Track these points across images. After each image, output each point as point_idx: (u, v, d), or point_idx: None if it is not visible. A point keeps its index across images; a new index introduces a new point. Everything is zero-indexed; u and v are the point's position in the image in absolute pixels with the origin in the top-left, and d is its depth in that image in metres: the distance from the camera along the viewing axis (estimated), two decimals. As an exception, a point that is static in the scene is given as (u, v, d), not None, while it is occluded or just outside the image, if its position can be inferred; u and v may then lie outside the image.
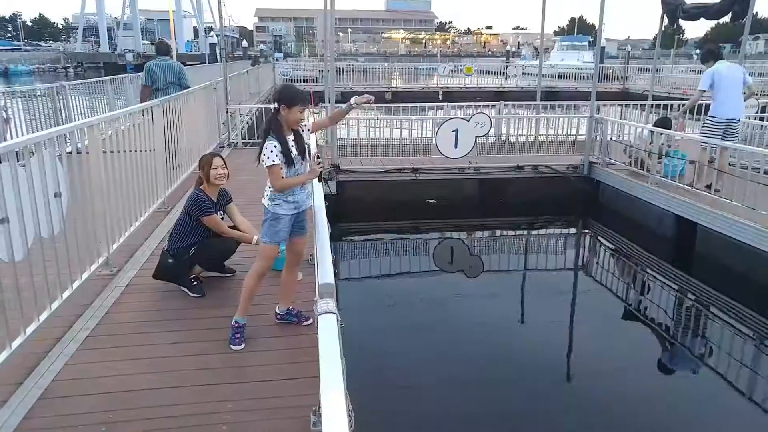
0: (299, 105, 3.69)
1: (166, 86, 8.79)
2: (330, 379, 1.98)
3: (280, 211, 3.72)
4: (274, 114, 3.67)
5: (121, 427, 2.97)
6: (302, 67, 31.95)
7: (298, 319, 4.07)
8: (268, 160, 3.61)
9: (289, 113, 3.65)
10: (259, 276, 3.83)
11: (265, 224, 3.75)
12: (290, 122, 3.68)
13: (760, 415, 4.84)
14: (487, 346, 5.83)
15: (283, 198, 3.73)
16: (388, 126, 11.13)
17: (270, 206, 3.72)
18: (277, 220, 3.72)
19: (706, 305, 6.94)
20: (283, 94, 3.69)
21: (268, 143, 3.61)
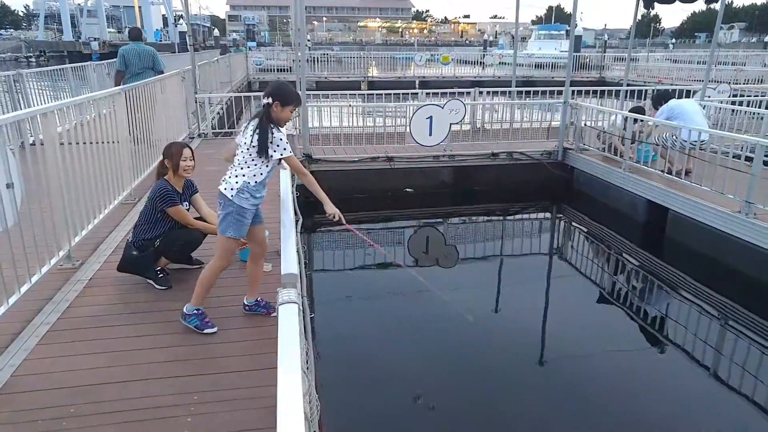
0: (292, 105, 3.66)
1: (141, 71, 8.84)
2: (287, 368, 1.95)
3: (246, 205, 3.64)
4: (266, 108, 3.60)
5: (83, 420, 2.92)
6: (276, 57, 31.58)
7: (266, 309, 4.03)
8: (286, 151, 3.60)
9: (281, 112, 3.61)
10: (219, 271, 3.77)
11: (229, 217, 3.63)
12: (280, 120, 3.64)
13: (725, 391, 4.91)
14: (462, 332, 5.82)
15: (253, 193, 3.66)
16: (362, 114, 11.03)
17: (236, 199, 3.61)
18: (242, 214, 3.65)
19: (675, 288, 7.02)
20: (280, 91, 3.63)
21: (278, 134, 3.58)
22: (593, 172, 9.77)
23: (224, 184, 3.66)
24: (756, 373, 5.19)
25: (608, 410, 4.62)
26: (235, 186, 3.61)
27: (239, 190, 3.60)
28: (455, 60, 34.04)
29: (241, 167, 3.64)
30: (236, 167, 3.66)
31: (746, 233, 6.64)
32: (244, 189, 3.61)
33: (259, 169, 3.65)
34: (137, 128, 6.86)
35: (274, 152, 3.57)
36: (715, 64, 24.67)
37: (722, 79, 23.22)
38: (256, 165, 3.63)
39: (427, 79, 30.51)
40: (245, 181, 3.62)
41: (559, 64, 33.27)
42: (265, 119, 3.58)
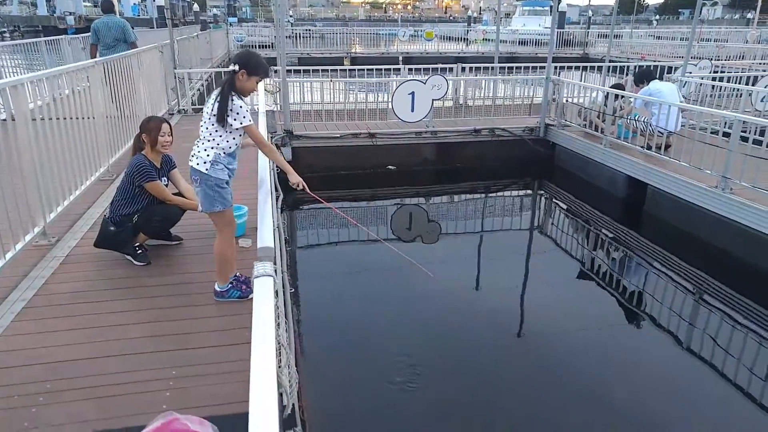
0: (259, 76, 3.61)
1: (113, 44, 8.85)
2: (260, 340, 1.96)
3: (222, 176, 3.61)
4: (231, 76, 3.54)
5: (60, 395, 2.91)
6: (258, 33, 31.13)
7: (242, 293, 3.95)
8: (245, 119, 3.54)
9: (247, 81, 3.56)
10: (229, 241, 3.79)
11: (212, 191, 3.59)
12: (244, 89, 3.59)
13: (700, 363, 5.01)
14: (443, 307, 5.88)
15: (226, 163, 3.63)
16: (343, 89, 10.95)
17: (211, 171, 3.57)
18: (221, 185, 3.62)
19: (652, 263, 7.12)
20: (247, 60, 3.57)
21: (238, 102, 3.51)
22: (574, 149, 9.81)
23: (195, 159, 3.60)
24: (728, 345, 5.29)
25: (586, 382, 4.69)
26: (207, 159, 3.56)
27: (213, 162, 3.56)
28: (439, 36, 33.81)
29: (208, 140, 3.58)
30: (203, 140, 3.60)
31: (722, 208, 6.73)
32: (217, 160, 3.57)
33: (226, 141, 3.59)
34: (114, 103, 6.76)
35: (234, 120, 3.51)
36: (698, 40, 24.79)
37: (704, 55, 23.33)
38: (222, 136, 3.58)
39: (411, 55, 30.29)
40: (216, 153, 3.57)
41: (543, 41, 33.10)
42: (226, 87, 3.52)
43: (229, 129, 3.56)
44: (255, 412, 1.55)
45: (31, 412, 2.78)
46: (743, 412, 4.41)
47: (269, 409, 1.57)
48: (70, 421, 2.73)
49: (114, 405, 2.86)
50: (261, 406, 1.58)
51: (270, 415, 1.55)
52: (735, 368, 4.95)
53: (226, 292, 3.85)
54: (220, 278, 3.84)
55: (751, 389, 4.62)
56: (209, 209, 3.65)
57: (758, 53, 23.31)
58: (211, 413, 2.69)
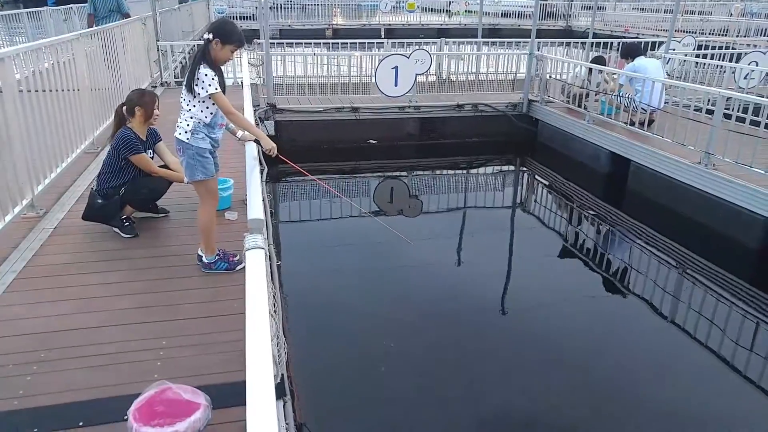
0: (234, 44, 3.58)
1: (107, 14, 9.16)
2: (255, 312, 2.00)
3: (203, 145, 3.64)
4: (206, 44, 3.53)
5: (53, 365, 2.96)
6: (239, 4, 30.62)
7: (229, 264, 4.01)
8: (211, 87, 3.51)
9: (221, 50, 3.53)
10: (211, 211, 3.83)
11: (191, 161, 3.64)
12: (219, 59, 3.57)
13: (681, 335, 5.17)
14: (426, 283, 5.96)
15: (207, 132, 3.66)
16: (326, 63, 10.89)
17: (192, 140, 3.60)
18: (202, 154, 3.65)
19: (634, 239, 7.25)
20: (222, 28, 3.54)
21: (204, 70, 3.49)
22: (557, 125, 9.88)
23: (178, 129, 3.64)
24: (711, 316, 5.45)
25: (568, 355, 4.80)
26: (187, 128, 3.59)
27: (193, 131, 3.58)
28: (421, 7, 33.43)
29: (188, 109, 3.61)
30: (184, 110, 3.62)
31: (705, 183, 6.84)
32: (197, 130, 3.60)
33: (201, 111, 3.60)
34: (98, 75, 6.70)
35: (202, 90, 3.50)
36: (681, 13, 24.82)
37: (688, 29, 23.42)
38: (196, 106, 3.59)
39: (393, 26, 30.01)
40: (196, 122, 3.59)
41: (526, 13, 32.90)
42: (198, 55, 3.53)
43: (200, 99, 3.56)
44: (252, 382, 1.60)
45: (26, 380, 2.83)
46: (724, 380, 4.56)
47: (266, 380, 1.62)
48: (65, 389, 2.78)
49: (107, 374, 2.91)
50: (258, 377, 1.63)
51: (267, 385, 1.60)
52: (717, 339, 5.09)
53: (214, 264, 3.90)
54: (207, 250, 3.88)
55: (732, 359, 4.77)
56: (191, 178, 3.69)
57: (742, 27, 23.42)
58: (202, 382, 2.76)
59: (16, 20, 10.83)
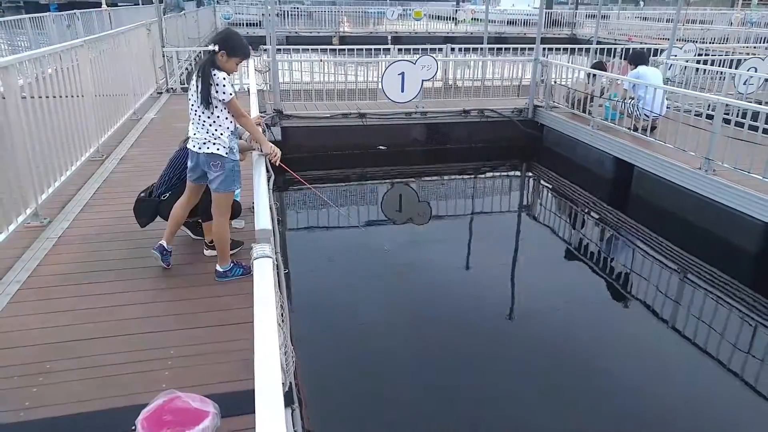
0: (239, 57, 3.60)
1: None
2: (264, 321, 1.99)
3: (235, 157, 3.68)
4: (212, 55, 3.54)
5: (60, 375, 2.95)
6: (245, 11, 30.76)
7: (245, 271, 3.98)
8: (228, 95, 3.52)
9: (227, 62, 3.55)
10: (227, 222, 3.89)
11: (232, 173, 3.67)
12: (224, 70, 3.57)
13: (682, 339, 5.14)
14: (436, 289, 5.94)
15: (236, 141, 3.71)
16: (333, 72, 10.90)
17: (231, 155, 3.63)
18: (237, 167, 3.69)
19: (638, 243, 7.24)
20: (228, 40, 3.56)
21: (220, 74, 3.49)
22: (562, 130, 9.87)
23: (207, 145, 3.59)
24: (711, 321, 5.44)
25: (575, 362, 4.78)
26: (224, 143, 3.59)
27: (230, 145, 3.61)
28: (428, 15, 33.55)
29: (212, 122, 3.59)
30: (204, 124, 3.59)
31: (705, 189, 6.84)
32: (232, 140, 3.65)
33: (226, 118, 3.62)
34: (103, 82, 6.70)
35: (224, 94, 3.50)
36: (683, 22, 24.85)
37: (690, 37, 23.41)
38: (221, 115, 3.59)
39: (400, 34, 30.06)
40: (229, 134, 3.62)
41: (531, 21, 32.84)
42: (207, 67, 3.52)
43: (220, 106, 3.56)
44: (261, 391, 1.59)
45: (33, 392, 2.81)
46: (725, 384, 4.56)
47: (274, 388, 1.61)
48: (71, 400, 2.77)
49: (114, 384, 2.89)
50: (267, 385, 1.62)
51: (275, 393, 1.59)
52: (717, 343, 5.09)
53: (230, 272, 3.89)
54: (222, 259, 3.88)
55: (732, 363, 4.76)
56: (227, 189, 3.70)
57: (742, 35, 23.43)
58: (210, 392, 2.74)
59: (18, 26, 10.85)
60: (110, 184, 5.64)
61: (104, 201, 5.19)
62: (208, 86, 3.48)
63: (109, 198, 5.29)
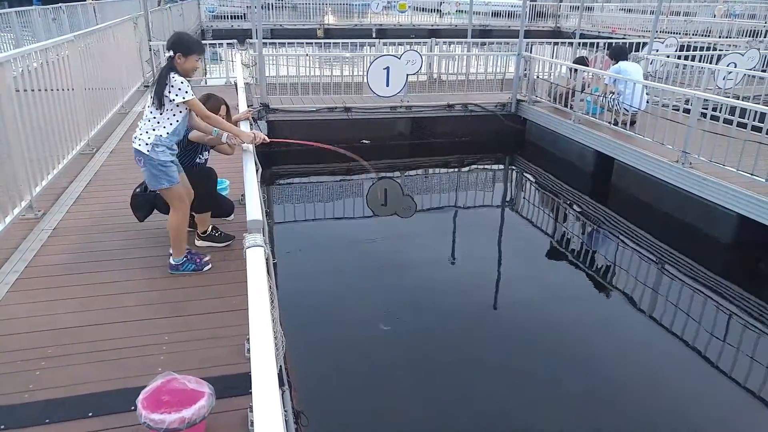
0: (196, 54, 3.66)
1: None
2: (258, 308, 2.13)
3: (163, 158, 3.67)
4: (170, 61, 3.60)
5: (61, 360, 3.07)
6: (229, 2, 30.61)
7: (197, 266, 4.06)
8: (188, 94, 3.58)
9: (186, 62, 3.62)
10: (182, 216, 3.89)
11: (156, 170, 3.67)
12: (186, 71, 3.65)
13: (660, 328, 5.33)
14: (419, 281, 6.09)
15: (168, 146, 3.69)
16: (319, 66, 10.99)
17: (152, 153, 3.62)
18: (164, 165, 3.68)
19: (618, 235, 7.45)
20: (179, 42, 3.63)
21: (178, 78, 3.56)
22: (545, 124, 10.07)
23: (137, 140, 3.68)
24: (688, 310, 5.64)
25: (556, 354, 4.93)
26: (148, 141, 3.63)
27: (154, 144, 3.63)
28: (412, 7, 33.55)
29: (149, 121, 3.66)
30: (145, 121, 3.68)
31: (682, 181, 7.06)
32: (158, 143, 3.64)
33: (167, 119, 3.66)
34: (91, 75, 6.77)
35: (176, 96, 3.56)
36: (666, 14, 25.12)
37: (673, 29, 23.69)
38: (163, 116, 3.64)
39: (384, 27, 30.12)
40: (157, 135, 3.64)
41: (516, 13, 32.99)
42: (165, 70, 3.59)
43: (170, 107, 3.63)
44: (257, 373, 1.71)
45: (36, 374, 2.95)
46: (701, 372, 4.76)
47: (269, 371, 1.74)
48: (73, 382, 2.90)
49: (113, 368, 3.03)
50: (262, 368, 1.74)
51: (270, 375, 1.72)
52: (692, 332, 5.30)
53: (182, 265, 3.97)
54: (176, 251, 3.95)
55: (707, 351, 4.97)
56: (156, 187, 3.77)
57: (725, 28, 23.74)
58: (204, 375, 2.85)
59: (5, 21, 10.82)
60: (101, 177, 5.74)
61: (96, 193, 5.30)
62: (163, 87, 3.56)
63: (101, 190, 5.40)
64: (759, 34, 21.47)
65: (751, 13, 29.90)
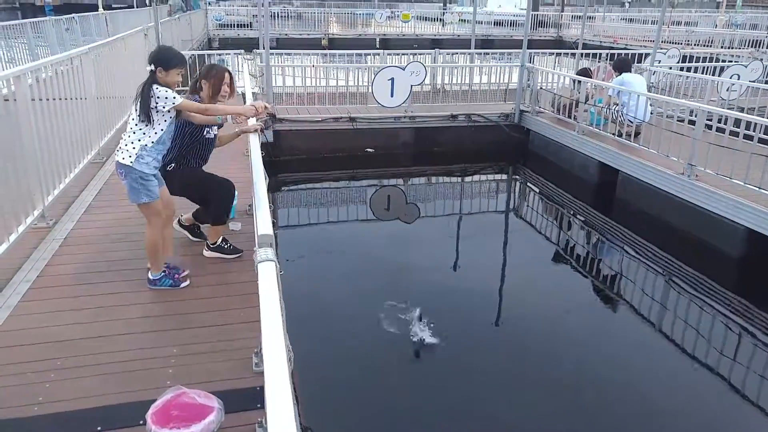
0: (177, 67, 3.65)
1: None
2: (270, 323, 2.15)
3: (147, 170, 3.66)
4: (151, 75, 3.61)
5: (70, 372, 3.09)
6: (236, 12, 30.82)
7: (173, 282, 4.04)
8: (175, 99, 3.58)
9: (167, 76, 3.61)
10: (157, 232, 3.85)
11: (136, 184, 3.65)
12: (168, 85, 3.64)
13: (665, 341, 5.34)
14: (423, 289, 6.08)
15: (154, 156, 3.69)
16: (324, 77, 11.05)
17: (136, 165, 3.61)
18: (145, 178, 3.67)
19: (623, 246, 7.45)
20: (160, 56, 3.63)
21: (159, 88, 3.56)
22: (548, 135, 10.09)
23: (120, 153, 3.66)
24: (697, 325, 5.62)
25: (561, 365, 4.93)
26: (133, 153, 3.62)
27: (138, 156, 3.62)
28: (415, 17, 33.73)
29: (134, 132, 3.65)
30: (129, 133, 3.67)
31: (688, 194, 7.05)
32: (143, 154, 3.63)
33: (153, 129, 3.66)
34: (104, 85, 6.83)
35: (163, 106, 3.57)
36: (668, 25, 25.20)
37: (674, 39, 23.76)
38: (143, 130, 3.65)
39: (388, 36, 30.25)
40: (142, 145, 3.64)
41: (518, 22, 33.14)
42: (147, 85, 3.59)
43: (156, 119, 3.64)
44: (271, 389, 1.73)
45: (45, 387, 2.96)
46: (710, 386, 4.75)
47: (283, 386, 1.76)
48: (82, 395, 2.92)
49: (121, 381, 3.04)
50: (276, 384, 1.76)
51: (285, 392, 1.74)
52: (702, 346, 5.29)
53: (159, 281, 3.94)
54: (153, 267, 3.93)
55: (716, 366, 4.95)
56: (135, 201, 3.75)
57: (727, 38, 23.82)
58: (212, 388, 2.88)
59: (19, 31, 10.94)
60: (111, 186, 5.75)
61: (106, 203, 5.33)
62: (148, 101, 3.56)
63: (111, 200, 5.43)
64: (761, 44, 21.55)
65: (753, 23, 29.99)
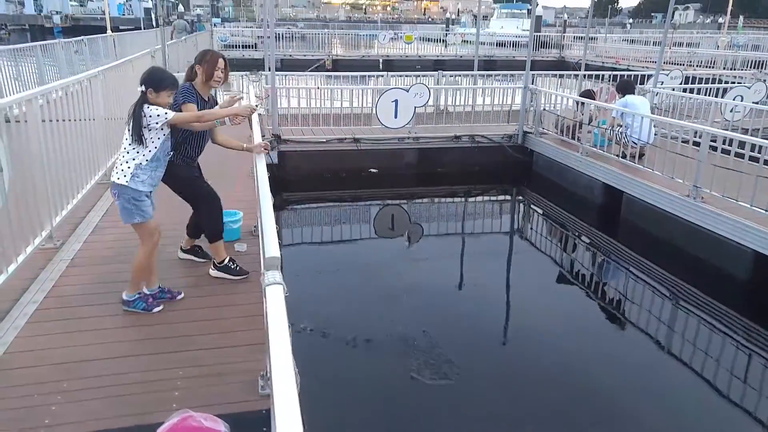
0: (168, 89, 3.67)
1: None
2: (278, 347, 2.14)
3: (142, 188, 3.66)
4: (142, 95, 3.62)
5: (76, 395, 3.08)
6: (241, 33, 31.19)
7: (171, 294, 4.08)
8: (167, 114, 3.59)
9: (158, 97, 3.63)
10: (149, 253, 3.85)
11: (129, 204, 3.66)
12: (159, 106, 3.65)
13: (673, 364, 5.32)
14: (427, 311, 6.08)
15: (150, 173, 3.69)
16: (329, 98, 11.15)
17: (131, 183, 3.61)
18: (138, 198, 3.67)
19: (629, 268, 7.43)
20: (152, 78, 3.64)
21: (150, 108, 3.57)
22: (552, 156, 10.13)
23: (115, 173, 3.68)
24: (706, 347, 5.59)
25: (566, 386, 4.91)
26: (128, 172, 3.63)
27: (133, 174, 3.62)
28: (418, 38, 34.06)
29: (128, 152, 3.66)
30: (123, 153, 3.68)
31: (694, 216, 7.03)
32: (138, 173, 3.64)
33: (147, 148, 3.66)
34: (111, 106, 6.90)
35: (156, 124, 3.58)
36: (670, 45, 25.41)
37: (676, 60, 23.93)
38: (142, 146, 3.65)
39: (391, 58, 30.52)
40: (137, 164, 3.64)
41: (520, 43, 33.49)
42: (138, 106, 3.61)
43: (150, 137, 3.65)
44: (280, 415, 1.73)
45: (52, 410, 2.95)
46: (718, 410, 4.72)
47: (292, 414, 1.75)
48: (88, 419, 2.91)
49: (127, 404, 3.03)
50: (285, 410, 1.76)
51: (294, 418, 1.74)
52: (710, 369, 5.27)
53: (132, 302, 3.91)
54: (131, 287, 3.91)
55: (726, 389, 4.93)
56: (128, 221, 3.75)
57: (729, 59, 23.99)
58: (217, 412, 2.85)
59: (30, 54, 11.11)
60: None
61: (112, 224, 5.33)
62: (140, 123, 3.58)
63: (117, 220, 5.27)
64: (764, 65, 21.69)
65: (755, 44, 30.20)
